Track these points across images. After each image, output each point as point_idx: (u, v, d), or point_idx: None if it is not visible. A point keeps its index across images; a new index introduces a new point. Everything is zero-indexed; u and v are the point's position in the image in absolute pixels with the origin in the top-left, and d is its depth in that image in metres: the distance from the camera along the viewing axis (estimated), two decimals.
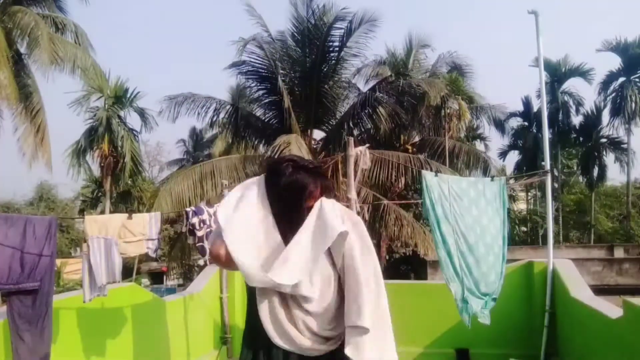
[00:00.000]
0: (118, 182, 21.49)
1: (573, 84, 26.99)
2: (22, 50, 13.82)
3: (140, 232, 4.36)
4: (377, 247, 12.46)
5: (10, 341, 3.35)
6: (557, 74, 26.09)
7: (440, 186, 4.85)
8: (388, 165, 11.27)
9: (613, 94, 25.84)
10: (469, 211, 4.82)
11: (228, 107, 12.96)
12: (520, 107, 28.28)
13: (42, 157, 14.02)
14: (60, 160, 21.23)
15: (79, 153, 21.06)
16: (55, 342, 3.74)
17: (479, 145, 22.99)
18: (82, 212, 27.23)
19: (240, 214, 1.64)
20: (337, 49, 12.54)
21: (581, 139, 28.11)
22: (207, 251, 4.79)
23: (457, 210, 4.77)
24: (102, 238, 4.08)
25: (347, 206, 5.25)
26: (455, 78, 16.06)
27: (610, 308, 4.08)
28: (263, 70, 12.45)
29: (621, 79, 25.59)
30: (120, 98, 21.23)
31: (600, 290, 8.00)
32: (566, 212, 29.06)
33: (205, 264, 6.56)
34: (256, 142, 13.65)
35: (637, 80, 25.30)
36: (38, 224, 3.58)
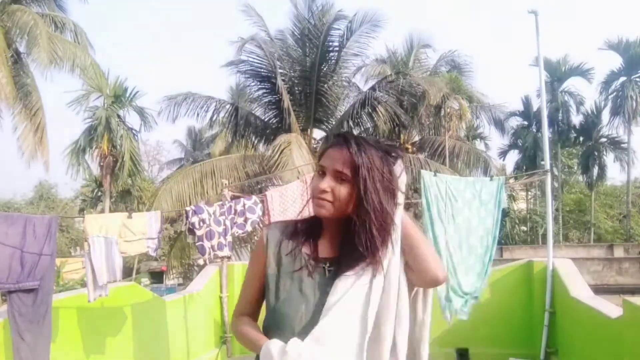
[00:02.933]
0: (117, 181, 21.46)
1: (573, 83, 27.06)
2: (21, 49, 13.81)
3: (140, 231, 4.36)
4: None
5: (11, 340, 3.35)
6: (557, 74, 26.09)
7: (438, 186, 4.91)
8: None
9: (613, 94, 25.86)
10: (461, 212, 4.90)
11: (228, 106, 12.95)
12: (520, 107, 28.33)
13: (41, 156, 14.02)
14: (60, 159, 21.24)
15: (79, 152, 21.03)
16: (55, 341, 3.74)
17: (479, 145, 23.04)
18: (82, 211, 27.22)
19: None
20: (337, 48, 12.55)
21: (581, 138, 28.12)
22: (206, 250, 4.79)
23: (450, 211, 4.86)
24: (102, 237, 4.08)
25: None
26: (455, 77, 16.04)
27: (610, 308, 4.08)
28: (262, 70, 12.45)
29: (622, 79, 25.61)
30: (120, 97, 21.19)
31: (600, 289, 8.02)
32: (566, 212, 29.08)
33: (205, 263, 6.56)
34: (256, 142, 13.64)
35: (637, 80, 25.30)
36: (38, 223, 3.59)
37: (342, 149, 1.21)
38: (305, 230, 1.32)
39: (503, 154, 29.00)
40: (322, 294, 1.22)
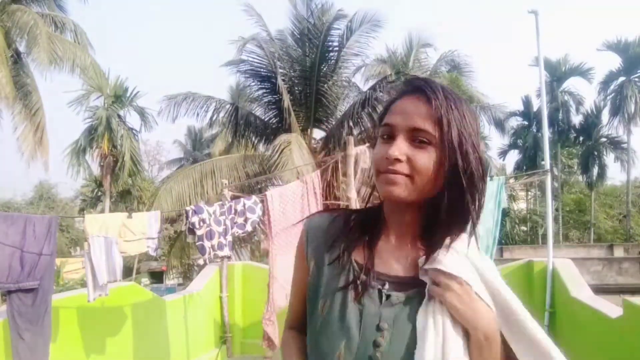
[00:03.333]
0: (117, 181, 21.48)
1: (573, 83, 27.10)
2: (21, 49, 13.82)
3: (140, 231, 4.36)
4: None
5: (10, 340, 3.35)
6: (556, 74, 26.11)
7: None
8: None
9: (613, 94, 25.88)
10: None
11: (228, 106, 12.95)
12: (520, 107, 28.36)
13: (41, 156, 14.03)
14: (60, 159, 21.27)
15: (79, 152, 21.05)
16: (55, 341, 3.74)
17: None
18: (82, 211, 27.22)
19: None
20: (336, 48, 12.56)
21: (581, 138, 28.14)
22: (207, 250, 4.79)
23: None
24: (102, 237, 4.08)
25: (347, 205, 5.26)
26: (455, 77, 16.05)
27: (610, 307, 4.08)
28: (262, 69, 12.46)
29: (621, 79, 25.62)
30: (120, 97, 21.22)
31: (600, 289, 8.01)
32: (566, 212, 29.08)
33: (205, 263, 6.56)
34: (256, 142, 13.65)
35: (637, 80, 25.31)
36: (38, 223, 3.58)
37: (421, 100, 0.83)
38: (361, 227, 0.92)
39: (503, 154, 29.05)
40: (370, 330, 0.84)
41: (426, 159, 0.82)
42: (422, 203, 0.86)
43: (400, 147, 0.82)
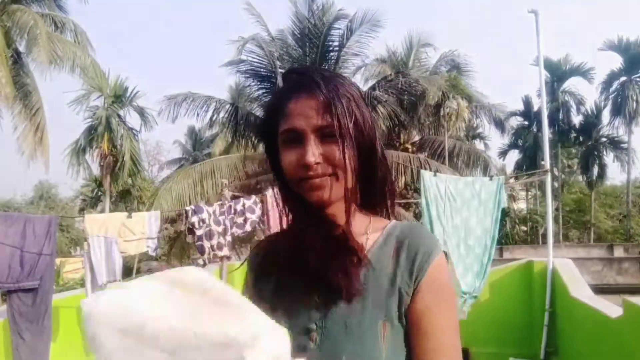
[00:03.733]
0: (117, 181, 21.48)
1: (573, 83, 27.09)
2: (21, 49, 13.83)
3: (140, 231, 4.37)
4: None
5: (10, 340, 3.36)
6: (557, 73, 26.11)
7: (438, 186, 4.93)
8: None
9: (614, 94, 25.87)
10: (460, 212, 4.92)
11: (227, 106, 12.96)
12: (520, 106, 28.36)
13: (41, 156, 14.04)
14: (60, 159, 21.26)
15: (79, 152, 21.04)
16: (55, 341, 3.74)
17: (479, 145, 23.08)
18: (82, 211, 27.24)
19: None
20: (337, 48, 12.56)
21: (581, 138, 28.14)
22: (206, 250, 4.79)
23: (449, 211, 4.88)
24: (102, 237, 4.08)
25: None
26: (454, 77, 16.07)
27: (610, 307, 4.08)
28: (262, 69, 12.47)
29: (622, 79, 25.62)
30: (120, 97, 21.22)
31: (600, 289, 8.01)
32: (566, 212, 29.08)
33: (205, 263, 6.56)
34: (256, 142, 13.65)
35: (638, 79, 25.31)
36: (38, 223, 3.59)
37: (312, 95, 0.80)
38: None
39: (503, 153, 29.04)
40: (301, 336, 0.79)
41: (339, 151, 0.79)
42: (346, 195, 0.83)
43: (314, 150, 0.78)
